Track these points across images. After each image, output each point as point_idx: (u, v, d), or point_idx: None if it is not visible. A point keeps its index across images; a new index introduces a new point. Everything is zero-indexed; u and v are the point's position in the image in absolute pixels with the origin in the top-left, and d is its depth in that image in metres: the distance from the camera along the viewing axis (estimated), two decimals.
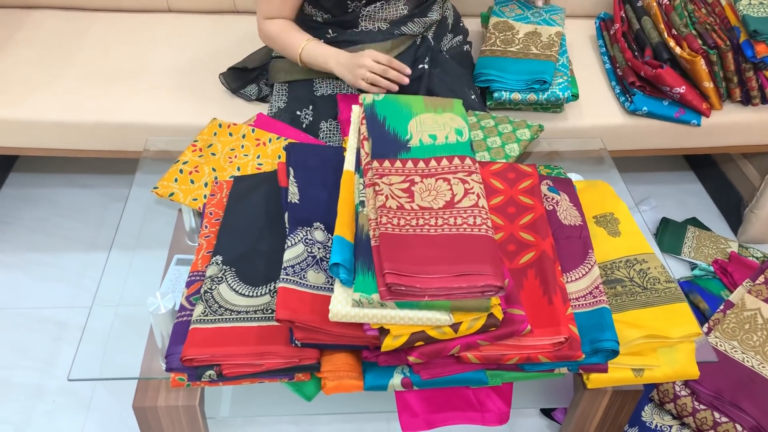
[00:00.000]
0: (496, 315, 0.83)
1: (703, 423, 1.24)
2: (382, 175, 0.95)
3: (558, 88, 1.52)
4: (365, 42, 1.38)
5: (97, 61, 1.66)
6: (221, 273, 0.97)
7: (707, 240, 1.82)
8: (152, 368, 0.99)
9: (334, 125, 1.38)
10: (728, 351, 1.33)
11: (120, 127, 1.53)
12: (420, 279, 0.80)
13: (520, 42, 1.62)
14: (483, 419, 0.96)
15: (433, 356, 0.84)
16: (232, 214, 1.07)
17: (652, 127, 1.63)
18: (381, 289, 0.80)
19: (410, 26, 1.40)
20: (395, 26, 1.38)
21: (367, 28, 1.37)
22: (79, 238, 1.78)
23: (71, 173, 1.98)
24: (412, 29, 1.40)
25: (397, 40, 1.39)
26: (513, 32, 1.65)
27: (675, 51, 1.55)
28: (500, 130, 1.34)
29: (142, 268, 1.18)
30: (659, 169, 2.13)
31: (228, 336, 0.89)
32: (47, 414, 1.40)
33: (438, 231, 0.87)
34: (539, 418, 1.42)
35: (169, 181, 1.20)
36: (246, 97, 1.58)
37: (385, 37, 1.38)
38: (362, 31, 1.38)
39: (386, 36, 1.38)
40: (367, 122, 1.05)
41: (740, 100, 1.65)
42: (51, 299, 1.63)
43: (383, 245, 0.84)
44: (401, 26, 1.39)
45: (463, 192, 0.92)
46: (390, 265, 0.81)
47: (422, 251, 0.83)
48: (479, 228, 0.87)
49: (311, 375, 0.91)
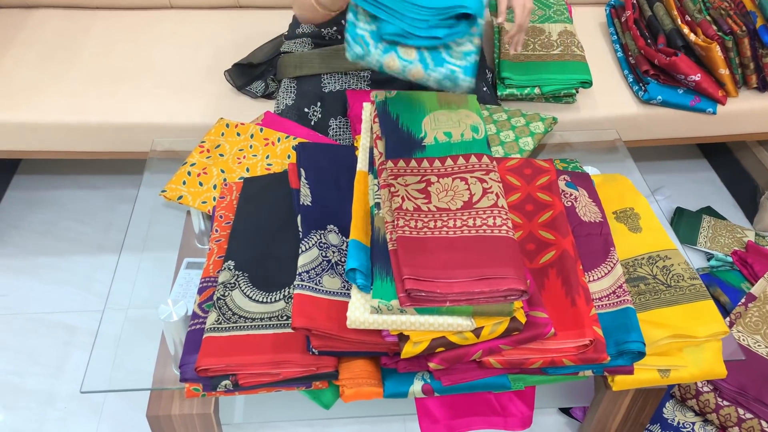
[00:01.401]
0: (519, 318, 0.80)
1: (727, 419, 1.21)
2: (397, 176, 0.92)
3: (462, 65, 0.90)
4: None
5: (101, 61, 1.63)
6: (234, 279, 0.95)
7: (723, 229, 1.79)
8: (165, 377, 0.97)
9: (344, 122, 1.35)
10: (751, 345, 1.30)
11: (125, 127, 1.51)
12: (440, 284, 0.78)
13: None
14: (505, 424, 0.94)
15: (454, 362, 0.82)
16: (242, 217, 1.05)
17: (667, 116, 1.60)
18: (400, 296, 0.78)
19: None
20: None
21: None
22: (87, 241, 1.77)
23: (77, 174, 1.96)
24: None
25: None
26: None
27: (689, 38, 1.52)
28: (513, 124, 1.31)
29: (151, 271, 1.16)
30: (672, 158, 2.09)
31: (243, 344, 0.87)
32: (59, 421, 1.39)
33: (457, 233, 0.84)
34: (557, 416, 1.40)
35: (177, 183, 1.18)
36: (252, 94, 1.56)
37: None
38: None
39: None
40: (380, 120, 1.02)
41: (756, 86, 1.61)
42: (60, 304, 1.61)
43: (401, 249, 0.81)
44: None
45: (481, 192, 0.89)
46: (409, 270, 0.78)
47: (442, 254, 0.81)
48: (499, 229, 0.84)
49: (329, 383, 0.89)
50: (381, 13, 0.86)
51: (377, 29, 0.87)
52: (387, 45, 0.88)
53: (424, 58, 0.87)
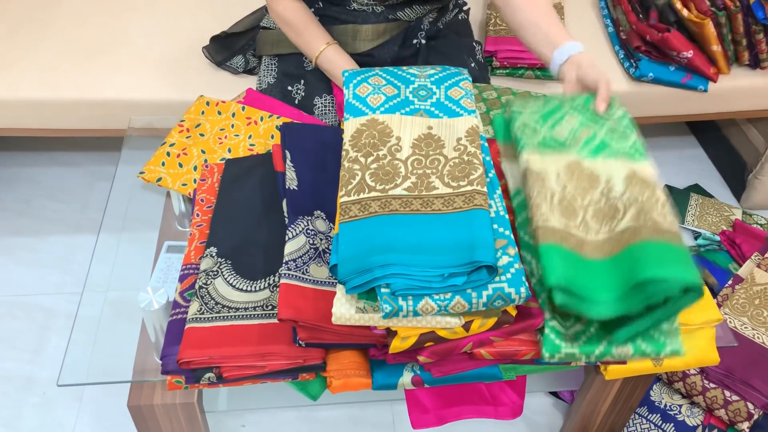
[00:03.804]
0: (510, 312, 0.78)
1: (713, 402, 1.22)
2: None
3: (506, 278, 0.76)
4: (357, 23, 1.28)
5: (73, 34, 1.56)
6: (216, 266, 0.91)
7: (710, 207, 1.78)
8: (146, 366, 0.94)
9: (329, 100, 1.30)
10: (738, 328, 1.30)
11: (101, 104, 1.45)
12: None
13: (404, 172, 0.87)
14: (496, 413, 0.93)
15: (444, 355, 0.80)
16: (225, 201, 1.01)
17: (658, 93, 1.57)
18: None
19: (407, 12, 1.29)
20: (390, 10, 1.28)
21: (359, 7, 1.27)
22: (63, 221, 1.71)
23: (53, 151, 1.89)
24: (409, 15, 1.30)
25: (392, 24, 1.29)
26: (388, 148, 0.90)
27: (682, 13, 1.48)
28: (504, 102, 1.28)
29: (131, 252, 1.13)
30: (660, 135, 2.08)
31: (227, 335, 0.84)
32: (38, 407, 1.35)
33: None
34: (546, 397, 1.40)
35: (156, 164, 1.13)
36: (232, 70, 1.50)
37: (378, 20, 1.29)
38: (354, 10, 1.27)
39: (379, 19, 1.28)
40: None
41: (748, 63, 1.59)
42: (36, 285, 1.57)
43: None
44: (397, 11, 1.28)
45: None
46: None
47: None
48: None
49: (316, 374, 0.86)
50: (385, 292, 0.74)
51: (389, 287, 0.74)
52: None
53: (462, 290, 0.74)
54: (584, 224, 0.81)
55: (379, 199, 0.81)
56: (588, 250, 0.78)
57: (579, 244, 0.78)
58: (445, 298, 0.73)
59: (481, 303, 0.74)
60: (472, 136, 0.88)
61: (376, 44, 1.28)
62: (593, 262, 0.77)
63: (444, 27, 1.38)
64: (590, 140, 0.90)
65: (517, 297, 0.74)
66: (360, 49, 1.28)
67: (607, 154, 0.88)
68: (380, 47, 1.29)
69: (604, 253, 0.78)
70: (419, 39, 1.31)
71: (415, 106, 0.93)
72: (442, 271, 0.73)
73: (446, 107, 0.93)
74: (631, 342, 0.78)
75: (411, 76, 0.99)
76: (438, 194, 0.81)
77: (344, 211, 0.81)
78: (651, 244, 0.75)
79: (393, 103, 0.94)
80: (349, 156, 0.88)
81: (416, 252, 0.74)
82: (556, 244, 0.77)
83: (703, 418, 1.24)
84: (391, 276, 0.73)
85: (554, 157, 0.88)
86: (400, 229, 0.77)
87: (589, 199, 0.83)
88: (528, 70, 1.52)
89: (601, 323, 0.78)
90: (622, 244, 0.77)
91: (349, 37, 1.28)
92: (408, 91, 0.96)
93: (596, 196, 0.83)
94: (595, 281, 0.75)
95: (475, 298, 0.73)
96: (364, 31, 1.27)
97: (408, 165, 0.85)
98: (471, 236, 0.75)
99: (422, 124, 0.91)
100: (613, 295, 0.74)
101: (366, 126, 0.91)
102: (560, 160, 0.88)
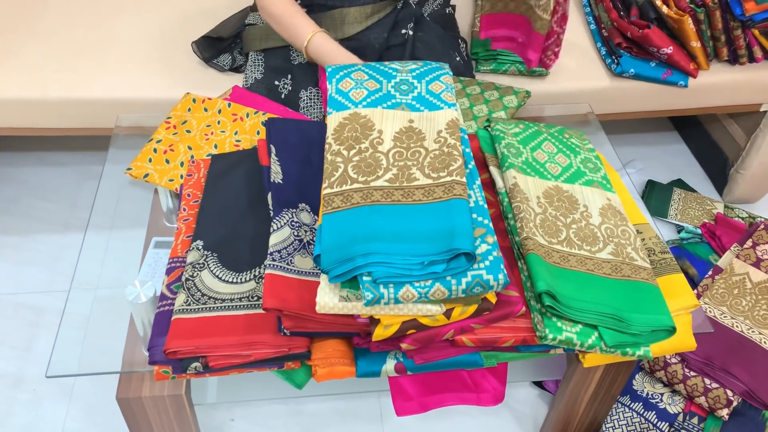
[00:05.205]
0: (490, 299, 0.80)
1: (693, 389, 1.24)
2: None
3: (484, 265, 0.78)
4: (344, 6, 1.31)
5: (60, 33, 1.57)
6: (203, 259, 0.93)
7: (693, 201, 1.81)
8: (135, 359, 0.96)
9: (315, 93, 1.32)
10: (717, 317, 1.32)
11: (88, 103, 1.45)
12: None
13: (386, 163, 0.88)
14: (478, 399, 0.95)
15: (426, 342, 0.82)
16: (211, 195, 1.02)
17: (639, 89, 1.60)
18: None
19: None
20: None
21: None
22: (52, 220, 1.72)
23: (41, 151, 1.90)
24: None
25: (378, 5, 1.32)
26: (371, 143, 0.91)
27: (662, 10, 1.51)
28: (486, 98, 1.30)
29: (119, 250, 1.14)
30: (643, 131, 2.10)
31: (213, 326, 0.85)
32: (28, 404, 1.36)
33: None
34: (530, 388, 1.42)
35: (143, 161, 1.14)
36: (219, 68, 1.51)
37: (364, 1, 1.32)
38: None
39: (366, 0, 1.32)
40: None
41: (727, 59, 1.62)
42: (26, 284, 1.57)
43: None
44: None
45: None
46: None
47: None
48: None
49: (301, 363, 0.88)
50: (367, 280, 0.75)
51: (370, 275, 0.76)
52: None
53: (442, 278, 0.76)
54: (568, 240, 0.89)
55: (361, 190, 0.83)
56: (573, 263, 0.86)
57: (564, 258, 0.86)
58: (425, 285, 0.75)
59: (460, 290, 0.76)
60: (452, 129, 0.90)
61: (364, 27, 1.31)
62: (576, 273, 0.85)
63: (432, 20, 1.41)
64: (567, 168, 1.00)
65: (495, 284, 0.76)
66: (348, 32, 1.31)
67: (583, 182, 0.98)
68: (369, 31, 1.31)
69: (586, 268, 0.86)
70: (407, 30, 1.33)
71: (396, 100, 0.95)
72: (422, 258, 0.75)
73: (427, 101, 0.95)
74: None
75: (393, 71, 1.01)
76: (419, 185, 0.83)
77: (327, 202, 0.83)
78: (630, 284, 0.86)
79: (375, 97, 0.96)
80: (332, 149, 0.89)
81: (397, 241, 0.76)
82: (541, 257, 0.84)
83: (684, 406, 1.27)
84: (373, 264, 0.75)
85: (535, 181, 0.96)
86: (382, 219, 0.79)
87: (571, 218, 0.92)
88: (512, 65, 1.54)
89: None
90: (604, 273, 0.87)
91: (337, 21, 1.31)
92: (390, 86, 0.97)
93: (577, 217, 0.92)
94: (578, 291, 0.83)
95: (455, 285, 0.75)
96: (352, 13, 1.29)
97: (389, 157, 0.87)
98: (450, 225, 0.77)
99: (403, 117, 0.92)
100: (592, 307, 0.82)
101: (348, 120, 0.93)
102: (540, 185, 0.95)
